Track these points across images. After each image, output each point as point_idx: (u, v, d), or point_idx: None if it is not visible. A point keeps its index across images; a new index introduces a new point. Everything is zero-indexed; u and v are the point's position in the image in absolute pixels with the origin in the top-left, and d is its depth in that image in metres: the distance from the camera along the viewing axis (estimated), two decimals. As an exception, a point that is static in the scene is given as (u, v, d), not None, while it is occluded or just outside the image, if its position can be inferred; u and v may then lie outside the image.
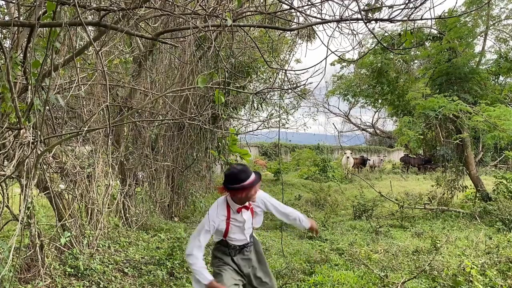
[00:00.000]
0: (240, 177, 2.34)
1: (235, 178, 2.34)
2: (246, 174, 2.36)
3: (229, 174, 2.40)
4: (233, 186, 2.35)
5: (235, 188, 2.35)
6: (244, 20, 3.72)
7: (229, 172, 2.42)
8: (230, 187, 2.36)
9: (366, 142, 30.88)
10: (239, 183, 2.33)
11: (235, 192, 2.38)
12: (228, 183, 2.38)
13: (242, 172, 2.37)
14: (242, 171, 2.37)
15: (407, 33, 2.40)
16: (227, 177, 2.40)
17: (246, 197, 2.40)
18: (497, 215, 6.94)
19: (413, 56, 10.72)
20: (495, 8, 9.77)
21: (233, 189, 2.36)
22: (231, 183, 2.35)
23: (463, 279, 3.84)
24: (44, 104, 2.61)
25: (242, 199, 2.42)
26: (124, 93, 5.47)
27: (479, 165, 12.60)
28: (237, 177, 2.34)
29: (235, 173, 2.37)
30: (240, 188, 2.34)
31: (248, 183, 2.34)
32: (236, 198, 2.42)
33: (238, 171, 2.37)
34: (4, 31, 3.63)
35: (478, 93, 8.81)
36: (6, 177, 2.87)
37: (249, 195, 2.40)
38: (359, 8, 2.44)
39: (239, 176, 2.35)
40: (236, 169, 2.39)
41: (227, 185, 2.38)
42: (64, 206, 4.09)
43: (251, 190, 2.38)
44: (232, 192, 2.39)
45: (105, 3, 3.16)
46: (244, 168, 2.42)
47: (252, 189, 2.39)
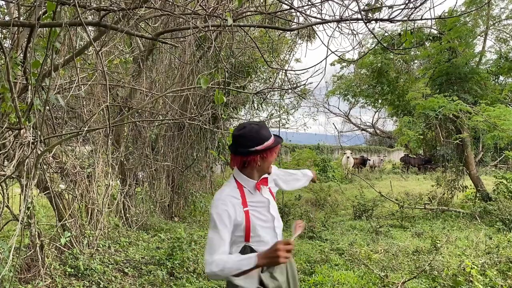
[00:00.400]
0: (263, 135, 1.70)
1: (256, 136, 1.69)
2: (267, 130, 1.74)
3: (247, 132, 1.71)
4: (255, 149, 1.67)
5: (256, 152, 1.68)
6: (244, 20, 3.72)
7: (247, 129, 1.72)
8: (250, 150, 1.68)
9: (366, 142, 30.88)
10: (262, 142, 1.69)
11: (253, 160, 1.70)
12: (245, 146, 1.69)
13: (263, 128, 1.73)
14: (263, 127, 1.74)
15: (407, 33, 2.40)
16: (243, 138, 1.70)
17: (268, 164, 1.76)
18: (497, 215, 6.94)
19: (413, 56, 10.72)
20: (495, 8, 9.78)
21: (254, 153, 1.68)
22: (252, 144, 1.68)
23: (463, 279, 3.84)
24: (44, 104, 2.61)
25: (263, 169, 1.75)
26: (124, 93, 5.47)
27: (479, 165, 12.60)
28: (259, 134, 1.69)
29: (256, 129, 1.70)
30: (263, 150, 1.69)
31: (272, 143, 1.71)
32: (253, 169, 1.74)
33: (259, 127, 1.72)
34: (4, 31, 3.63)
35: (478, 93, 8.81)
36: (6, 177, 2.87)
37: (271, 161, 1.78)
38: (359, 8, 2.44)
39: (261, 133, 1.70)
40: (257, 125, 1.73)
41: (244, 149, 1.69)
42: (64, 206, 4.09)
43: (275, 153, 1.78)
44: (250, 159, 1.70)
45: (105, 3, 3.16)
46: (263, 124, 1.78)
47: (276, 152, 1.78)
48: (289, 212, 7.38)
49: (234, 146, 1.72)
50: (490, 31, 9.83)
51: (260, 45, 7.10)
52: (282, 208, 7.13)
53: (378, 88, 11.65)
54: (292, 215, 7.35)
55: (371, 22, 2.50)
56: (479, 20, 9.22)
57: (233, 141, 1.73)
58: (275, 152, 1.77)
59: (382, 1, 2.61)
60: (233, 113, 9.28)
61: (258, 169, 1.75)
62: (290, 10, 2.95)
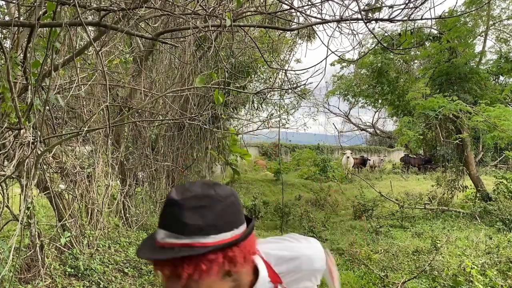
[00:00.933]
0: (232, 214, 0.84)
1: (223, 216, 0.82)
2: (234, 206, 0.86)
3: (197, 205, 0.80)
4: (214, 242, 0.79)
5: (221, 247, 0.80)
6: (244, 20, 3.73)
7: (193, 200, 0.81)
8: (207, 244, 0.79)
9: (366, 142, 30.88)
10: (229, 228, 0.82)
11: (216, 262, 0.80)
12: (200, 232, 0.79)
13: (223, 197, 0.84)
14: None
15: (406, 34, 2.40)
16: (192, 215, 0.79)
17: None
18: (497, 215, 6.94)
19: (413, 56, 10.72)
20: (496, 8, 9.79)
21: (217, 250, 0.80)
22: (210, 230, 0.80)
23: (463, 279, 3.84)
24: (44, 104, 2.60)
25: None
26: (124, 93, 5.47)
27: (479, 165, 12.61)
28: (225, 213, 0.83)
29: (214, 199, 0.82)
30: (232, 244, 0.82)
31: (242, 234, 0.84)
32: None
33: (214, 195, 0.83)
34: (4, 31, 3.63)
35: (478, 93, 8.82)
36: (6, 177, 2.87)
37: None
38: (359, 8, 2.44)
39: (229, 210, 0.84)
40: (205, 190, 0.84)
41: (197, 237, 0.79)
42: (64, 206, 4.09)
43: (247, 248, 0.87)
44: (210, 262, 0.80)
45: (105, 3, 3.16)
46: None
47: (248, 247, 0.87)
48: (289, 212, 7.38)
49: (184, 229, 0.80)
50: (490, 31, 9.84)
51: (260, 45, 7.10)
52: (282, 208, 7.13)
53: (378, 88, 11.66)
54: (292, 215, 7.35)
55: (371, 22, 2.49)
56: (479, 20, 9.22)
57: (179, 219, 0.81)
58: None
59: (382, 1, 2.61)
60: (233, 113, 9.28)
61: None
62: (290, 10, 2.95)
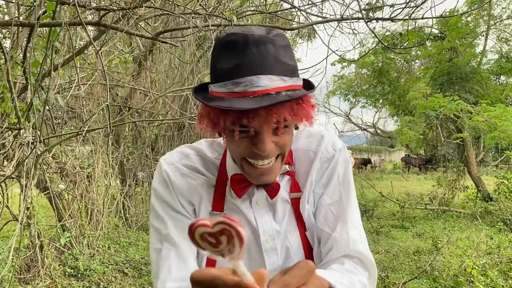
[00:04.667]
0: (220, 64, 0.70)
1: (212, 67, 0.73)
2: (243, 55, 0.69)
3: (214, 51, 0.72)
4: (199, 99, 0.72)
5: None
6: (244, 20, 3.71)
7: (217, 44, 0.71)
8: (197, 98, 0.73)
9: (367, 142, 30.85)
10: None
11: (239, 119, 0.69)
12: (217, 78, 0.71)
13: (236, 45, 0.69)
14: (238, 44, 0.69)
15: (410, 32, 2.39)
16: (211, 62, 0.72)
17: (237, 150, 0.76)
18: (498, 216, 6.93)
19: (414, 55, 10.71)
20: (497, 8, 9.76)
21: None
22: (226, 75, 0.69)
23: (464, 279, 3.82)
24: (44, 104, 2.60)
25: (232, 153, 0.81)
26: (124, 93, 5.46)
27: (480, 165, 12.59)
28: (215, 62, 0.72)
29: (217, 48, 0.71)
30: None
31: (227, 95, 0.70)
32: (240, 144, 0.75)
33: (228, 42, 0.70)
34: (4, 31, 3.63)
35: (479, 93, 8.80)
36: (6, 177, 2.87)
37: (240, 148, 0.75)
38: (360, 7, 2.43)
39: (219, 59, 0.71)
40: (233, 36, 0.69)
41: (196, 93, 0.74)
42: (64, 207, 4.08)
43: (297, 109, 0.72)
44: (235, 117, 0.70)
45: (105, 2, 3.15)
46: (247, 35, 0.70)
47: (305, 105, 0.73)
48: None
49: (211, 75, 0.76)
50: (491, 31, 9.81)
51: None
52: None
53: (378, 88, 11.63)
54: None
55: (372, 21, 2.48)
56: (480, 20, 9.20)
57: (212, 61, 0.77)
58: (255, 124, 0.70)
59: (383, 0, 2.60)
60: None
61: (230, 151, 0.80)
62: (290, 9, 2.94)
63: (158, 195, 0.84)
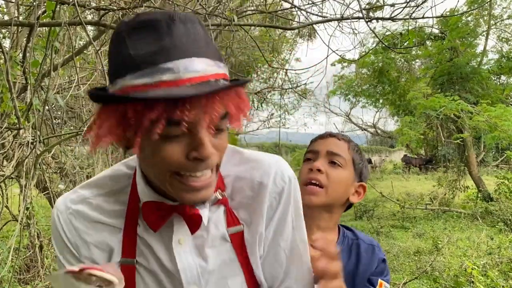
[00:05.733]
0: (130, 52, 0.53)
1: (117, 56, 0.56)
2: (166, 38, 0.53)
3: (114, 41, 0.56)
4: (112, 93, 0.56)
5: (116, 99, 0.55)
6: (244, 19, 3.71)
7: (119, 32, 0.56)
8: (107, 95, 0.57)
9: (367, 142, 30.85)
10: (123, 72, 0.54)
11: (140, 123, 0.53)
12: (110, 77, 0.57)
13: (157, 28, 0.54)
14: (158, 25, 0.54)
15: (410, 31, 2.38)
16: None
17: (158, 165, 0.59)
18: (498, 216, 6.92)
19: (414, 55, 10.70)
20: (497, 8, 9.75)
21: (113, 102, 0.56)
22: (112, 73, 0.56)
23: (464, 280, 3.82)
24: (44, 104, 2.59)
25: (146, 169, 0.64)
26: (124, 93, 5.46)
27: (480, 165, 12.58)
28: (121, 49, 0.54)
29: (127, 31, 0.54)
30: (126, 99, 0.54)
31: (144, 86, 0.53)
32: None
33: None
34: (3, 31, 3.62)
35: (480, 93, 8.79)
36: (6, 177, 2.86)
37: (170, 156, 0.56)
38: (360, 6, 2.42)
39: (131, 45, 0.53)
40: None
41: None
42: (64, 207, 4.08)
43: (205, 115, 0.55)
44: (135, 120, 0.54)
45: (105, 2, 3.15)
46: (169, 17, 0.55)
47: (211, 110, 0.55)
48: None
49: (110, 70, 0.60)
50: (492, 31, 9.80)
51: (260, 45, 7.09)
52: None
53: (379, 88, 11.63)
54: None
55: (372, 21, 2.48)
56: (480, 20, 9.20)
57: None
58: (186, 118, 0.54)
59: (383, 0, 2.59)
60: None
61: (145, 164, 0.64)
62: (290, 9, 2.93)
63: (58, 250, 0.70)
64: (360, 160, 1.10)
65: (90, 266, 0.54)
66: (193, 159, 0.56)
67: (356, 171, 1.10)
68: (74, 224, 0.68)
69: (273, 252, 0.72)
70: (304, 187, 1.04)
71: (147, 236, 0.67)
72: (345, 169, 1.06)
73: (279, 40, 8.21)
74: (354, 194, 1.11)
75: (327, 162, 1.06)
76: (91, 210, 0.68)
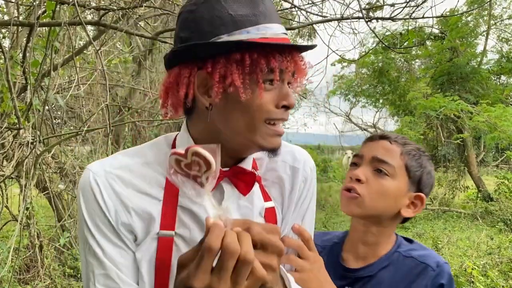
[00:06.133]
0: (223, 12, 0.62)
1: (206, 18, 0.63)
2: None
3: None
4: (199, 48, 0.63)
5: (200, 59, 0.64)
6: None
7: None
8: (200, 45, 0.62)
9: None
10: (220, 31, 0.62)
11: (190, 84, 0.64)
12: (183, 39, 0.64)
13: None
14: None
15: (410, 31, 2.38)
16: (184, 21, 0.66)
17: (247, 111, 0.64)
18: (498, 216, 6.92)
19: (414, 55, 10.70)
20: (497, 8, 9.75)
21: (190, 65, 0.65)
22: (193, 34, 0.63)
23: (464, 280, 3.81)
24: (43, 104, 2.59)
25: (220, 125, 0.67)
26: (123, 93, 5.46)
27: (480, 165, 12.57)
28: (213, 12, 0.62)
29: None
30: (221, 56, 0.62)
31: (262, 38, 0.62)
32: (201, 121, 0.69)
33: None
34: (3, 31, 3.62)
35: (480, 93, 8.80)
36: (5, 177, 2.86)
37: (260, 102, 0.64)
38: (360, 6, 2.42)
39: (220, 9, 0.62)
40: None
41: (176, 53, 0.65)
42: (64, 207, 4.08)
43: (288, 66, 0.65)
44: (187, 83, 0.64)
45: (105, 2, 3.15)
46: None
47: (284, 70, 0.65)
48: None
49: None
50: (492, 31, 9.80)
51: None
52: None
53: (379, 88, 11.63)
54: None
55: (372, 21, 2.48)
56: (480, 20, 9.20)
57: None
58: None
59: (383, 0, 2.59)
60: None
61: (214, 130, 0.68)
62: (290, 8, 2.93)
63: (89, 217, 0.66)
64: (419, 166, 0.93)
65: (194, 145, 0.54)
66: (282, 107, 0.65)
67: (412, 179, 0.93)
68: (115, 188, 0.66)
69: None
70: (342, 194, 0.96)
71: (192, 205, 0.67)
72: (394, 178, 0.91)
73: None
74: (408, 206, 0.94)
75: (372, 170, 0.93)
76: (133, 177, 0.67)
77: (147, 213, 0.66)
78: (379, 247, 0.96)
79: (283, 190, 0.77)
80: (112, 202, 0.65)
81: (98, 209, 0.65)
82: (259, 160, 0.77)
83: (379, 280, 0.92)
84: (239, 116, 0.64)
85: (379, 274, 0.93)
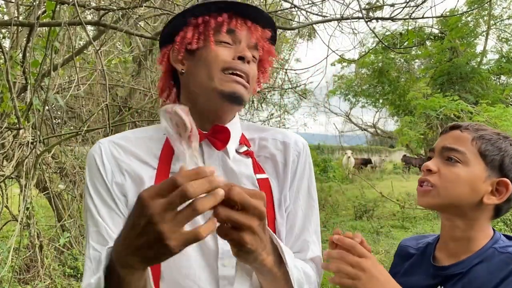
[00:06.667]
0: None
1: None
2: None
3: None
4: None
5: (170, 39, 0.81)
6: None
7: None
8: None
9: (367, 142, 30.84)
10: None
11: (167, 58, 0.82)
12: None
13: None
14: None
15: (410, 31, 2.38)
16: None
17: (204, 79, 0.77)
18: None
19: (414, 55, 10.71)
20: (497, 8, 9.76)
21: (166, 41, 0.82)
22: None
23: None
24: (43, 104, 2.59)
25: (195, 89, 0.79)
26: (123, 93, 5.46)
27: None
28: None
29: None
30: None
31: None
32: (184, 89, 0.82)
33: None
34: (3, 31, 3.62)
35: (480, 93, 8.81)
36: (6, 177, 2.86)
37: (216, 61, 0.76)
38: (360, 6, 2.42)
39: None
40: None
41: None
42: (64, 207, 4.08)
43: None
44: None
45: (105, 2, 3.15)
46: None
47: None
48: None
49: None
50: (492, 31, 9.81)
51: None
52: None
53: (379, 88, 11.64)
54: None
55: (372, 21, 2.48)
56: (480, 20, 9.20)
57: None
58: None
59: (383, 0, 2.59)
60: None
61: (189, 92, 0.80)
62: (290, 8, 2.93)
63: (90, 179, 0.76)
64: (497, 150, 0.89)
65: (180, 108, 0.59)
66: (237, 58, 0.75)
67: (490, 164, 0.89)
68: (114, 153, 0.77)
69: (294, 207, 0.82)
70: (417, 190, 0.96)
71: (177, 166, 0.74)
72: (467, 165, 0.88)
73: (279, 40, 8.21)
74: (492, 193, 0.89)
75: (443, 160, 0.92)
76: (131, 145, 0.79)
77: (139, 177, 0.75)
78: (471, 243, 0.91)
79: (276, 165, 0.82)
80: (110, 164, 0.75)
81: (97, 172, 0.75)
82: (251, 140, 0.84)
83: (472, 278, 0.87)
84: (201, 70, 0.76)
85: (472, 271, 0.88)
